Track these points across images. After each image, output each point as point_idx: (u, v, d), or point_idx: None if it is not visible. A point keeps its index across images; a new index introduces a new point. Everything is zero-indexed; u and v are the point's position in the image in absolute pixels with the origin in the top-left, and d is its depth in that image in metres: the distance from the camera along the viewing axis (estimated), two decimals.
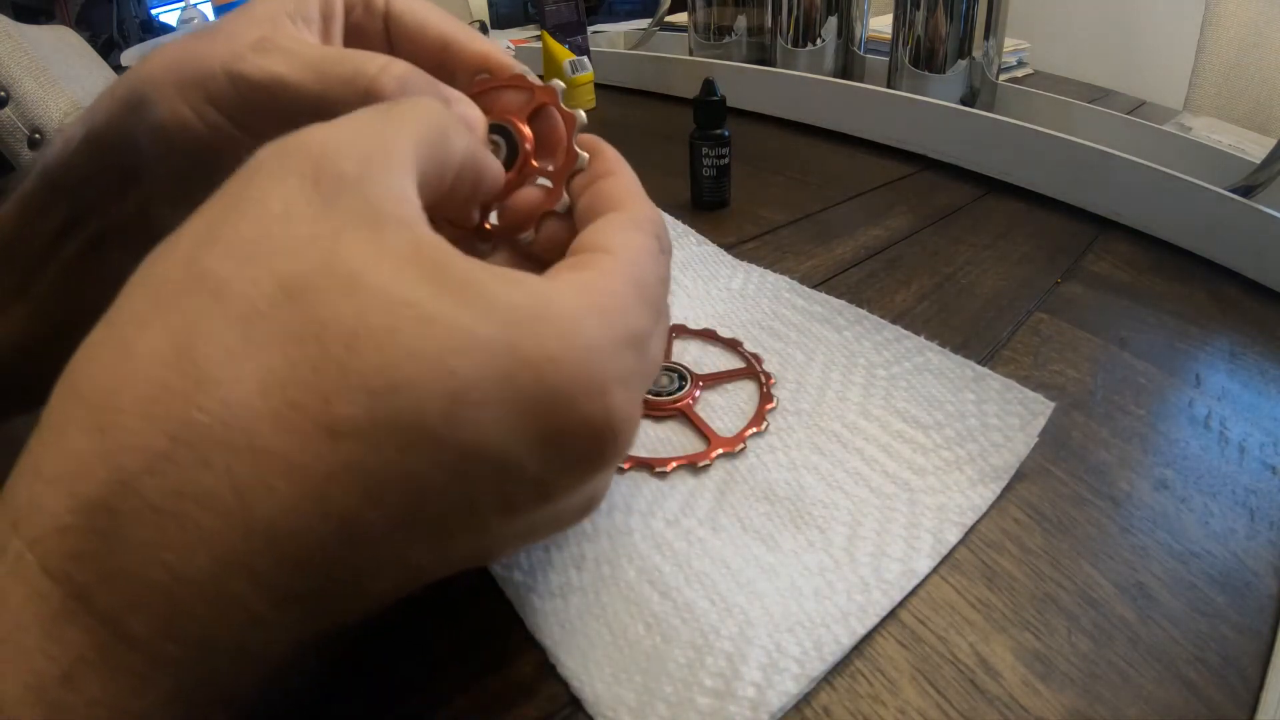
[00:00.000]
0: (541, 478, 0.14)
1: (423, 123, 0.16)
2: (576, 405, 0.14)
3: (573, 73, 0.74)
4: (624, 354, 0.15)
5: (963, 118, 0.55)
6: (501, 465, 0.13)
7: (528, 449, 0.13)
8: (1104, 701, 0.20)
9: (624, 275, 0.16)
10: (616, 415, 0.14)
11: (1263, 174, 0.45)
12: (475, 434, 0.13)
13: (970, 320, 0.37)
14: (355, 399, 0.12)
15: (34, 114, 0.63)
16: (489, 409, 0.13)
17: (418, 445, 0.12)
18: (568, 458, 0.14)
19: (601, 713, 0.19)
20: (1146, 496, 0.26)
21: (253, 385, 0.12)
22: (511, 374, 0.13)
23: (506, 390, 0.13)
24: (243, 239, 0.13)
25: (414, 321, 0.13)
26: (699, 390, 0.31)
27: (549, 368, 0.13)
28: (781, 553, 0.24)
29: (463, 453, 0.13)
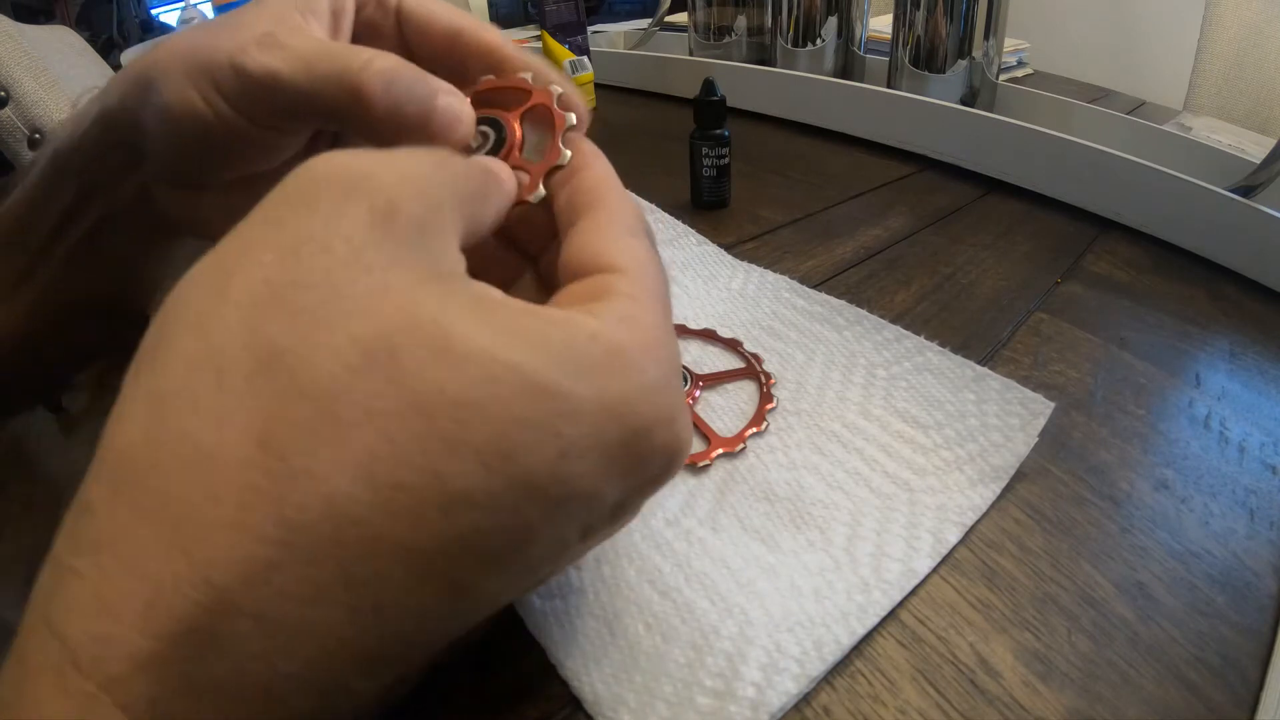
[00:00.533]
0: (620, 502, 0.15)
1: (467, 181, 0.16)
2: (654, 437, 0.14)
3: (573, 73, 0.74)
4: (675, 381, 0.16)
5: (963, 118, 0.55)
6: (595, 501, 0.14)
7: (614, 484, 0.14)
8: (1104, 701, 0.20)
9: (650, 298, 0.16)
10: (683, 435, 0.15)
11: (1263, 174, 0.45)
12: (578, 481, 0.13)
13: (970, 320, 0.37)
14: (468, 471, 0.12)
15: (34, 114, 0.63)
16: (589, 458, 0.13)
17: (530, 501, 0.13)
18: (644, 481, 0.15)
19: (601, 713, 0.19)
20: (1146, 496, 0.26)
21: (353, 471, 0.11)
22: (601, 423, 0.13)
23: (599, 439, 0.13)
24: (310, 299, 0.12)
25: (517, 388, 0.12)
26: (699, 390, 0.31)
27: (629, 413, 0.14)
28: (781, 553, 0.24)
29: (567, 499, 0.13)
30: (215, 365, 0.11)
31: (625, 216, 0.18)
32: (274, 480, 0.11)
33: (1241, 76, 1.14)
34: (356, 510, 0.11)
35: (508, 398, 0.12)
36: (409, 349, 0.12)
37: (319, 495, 0.11)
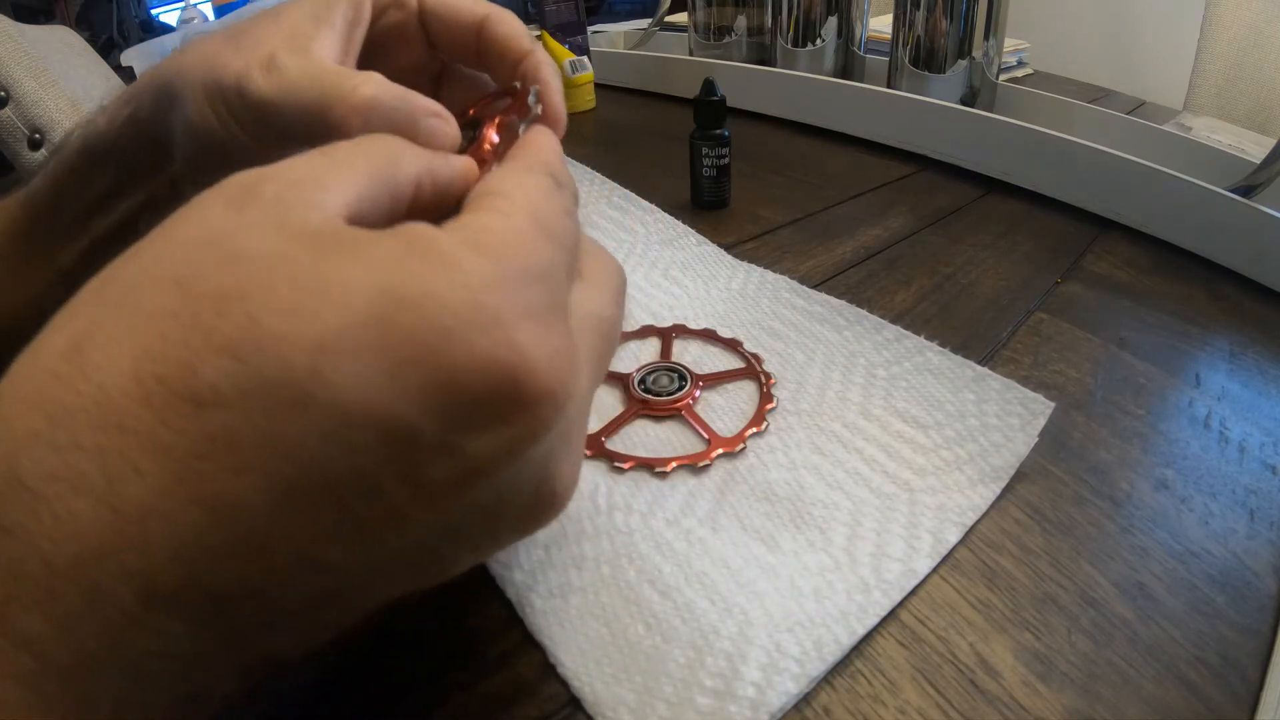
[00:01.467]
0: (448, 441, 0.12)
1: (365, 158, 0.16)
2: (472, 344, 0.12)
3: (573, 73, 0.74)
4: (528, 286, 0.13)
5: (963, 118, 0.55)
6: (391, 428, 0.12)
7: (417, 404, 0.12)
8: (1104, 701, 0.20)
9: (517, 213, 0.14)
10: (529, 351, 0.12)
11: (1263, 174, 0.45)
12: (350, 390, 0.11)
13: (970, 320, 0.37)
14: (220, 363, 0.11)
15: (34, 114, 0.63)
16: (364, 359, 0.11)
17: (287, 408, 0.11)
18: (475, 411, 0.12)
19: (601, 713, 0.19)
20: (1146, 496, 0.26)
21: (126, 364, 0.11)
22: (387, 317, 0.11)
23: (382, 335, 0.11)
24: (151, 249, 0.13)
25: (287, 279, 0.12)
26: (699, 390, 0.31)
27: (432, 304, 0.12)
28: (781, 553, 0.24)
29: (340, 415, 0.11)
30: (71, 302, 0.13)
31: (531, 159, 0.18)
32: (69, 367, 0.12)
33: (1241, 76, 1.14)
34: (120, 400, 0.11)
35: (269, 286, 0.12)
36: (205, 265, 0.12)
37: (95, 383, 0.11)
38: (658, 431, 0.29)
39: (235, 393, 0.11)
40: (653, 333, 0.36)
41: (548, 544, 0.24)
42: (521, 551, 0.24)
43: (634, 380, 0.32)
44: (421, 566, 0.14)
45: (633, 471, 0.27)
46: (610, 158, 0.62)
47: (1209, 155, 0.54)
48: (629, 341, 0.35)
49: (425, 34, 0.23)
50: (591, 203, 0.49)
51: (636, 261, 0.42)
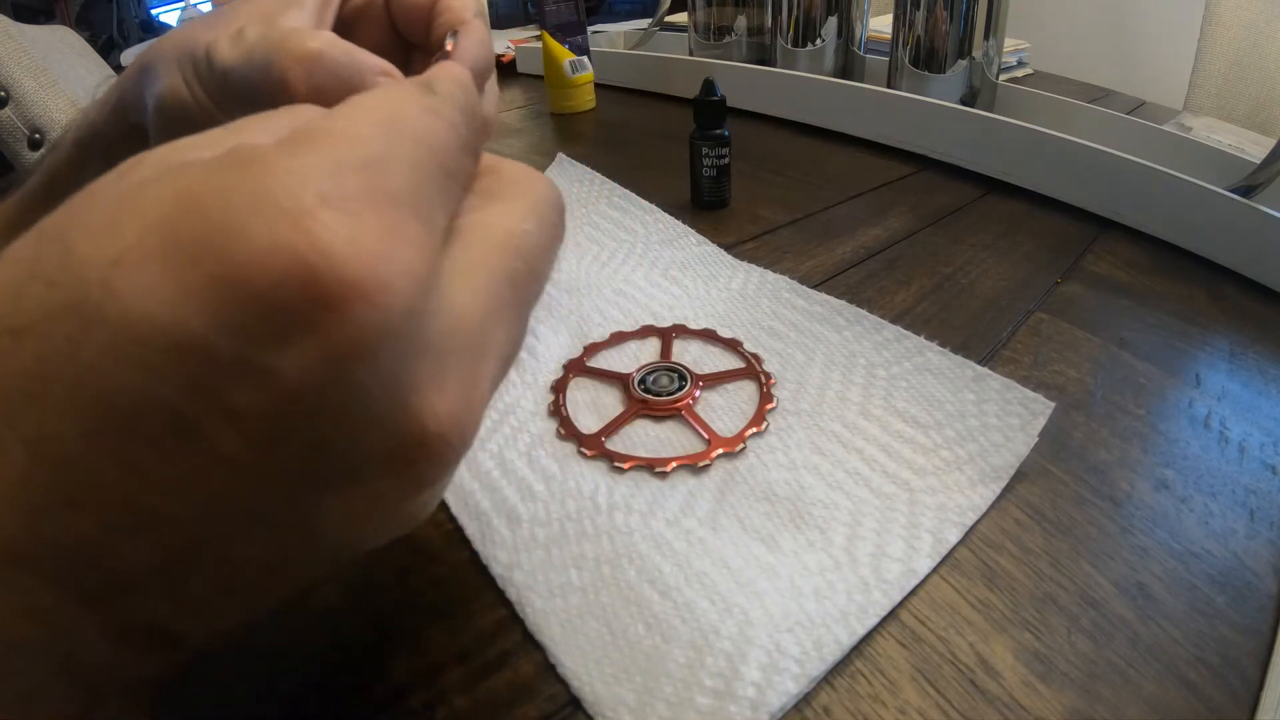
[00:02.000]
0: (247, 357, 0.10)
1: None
2: (254, 235, 0.10)
3: (573, 73, 0.74)
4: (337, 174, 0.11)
5: (963, 118, 0.55)
6: (180, 341, 0.10)
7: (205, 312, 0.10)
8: (1104, 701, 0.20)
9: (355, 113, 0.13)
10: (325, 235, 0.10)
11: (1263, 174, 0.45)
12: (135, 300, 0.10)
13: (970, 320, 0.37)
14: (35, 290, 0.10)
15: (34, 114, 0.63)
16: (149, 266, 0.10)
17: (84, 328, 0.10)
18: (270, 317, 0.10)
19: (601, 713, 0.19)
20: (1146, 496, 0.26)
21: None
22: (174, 219, 0.10)
23: (167, 239, 0.10)
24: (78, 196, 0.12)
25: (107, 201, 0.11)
26: (699, 390, 0.31)
27: (217, 200, 0.10)
28: (781, 553, 0.24)
29: (129, 330, 0.10)
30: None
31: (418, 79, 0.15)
32: None
33: (1241, 76, 1.14)
34: None
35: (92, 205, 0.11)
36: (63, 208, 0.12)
37: None
38: (658, 431, 0.29)
39: (43, 316, 0.10)
40: (653, 333, 0.36)
41: (548, 544, 0.24)
42: (522, 551, 0.24)
43: (634, 380, 0.32)
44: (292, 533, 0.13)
45: (633, 471, 0.27)
46: (610, 158, 0.62)
47: (1209, 155, 0.54)
48: (629, 341, 0.35)
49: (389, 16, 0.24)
50: (591, 203, 0.49)
51: (636, 261, 0.42)
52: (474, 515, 0.25)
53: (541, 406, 0.31)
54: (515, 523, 0.25)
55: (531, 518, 0.25)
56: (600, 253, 0.43)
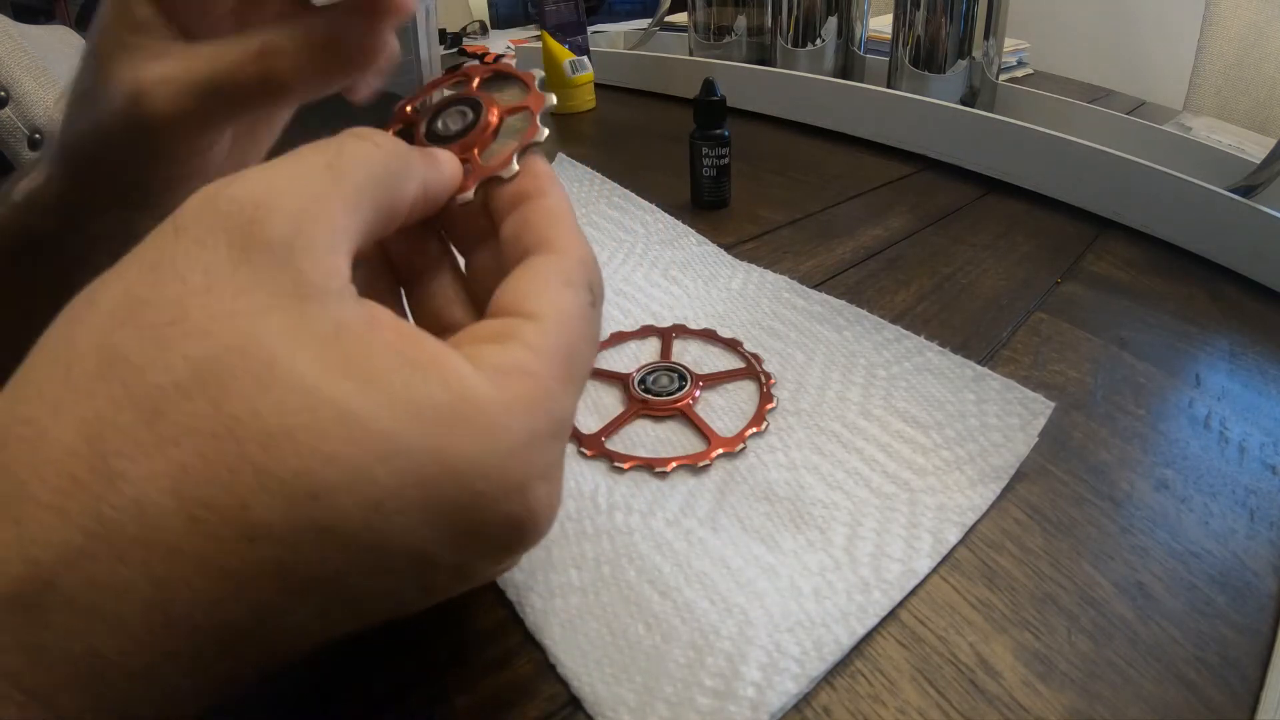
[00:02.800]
0: (459, 565, 0.14)
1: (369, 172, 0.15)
2: (497, 506, 0.13)
3: (573, 73, 0.74)
4: (548, 446, 0.15)
5: (963, 118, 0.55)
6: (420, 560, 0.13)
7: (447, 547, 0.13)
8: (1104, 701, 0.20)
9: (552, 353, 0.15)
10: (537, 509, 0.14)
11: (1263, 174, 0.45)
12: (397, 539, 0.13)
13: (970, 320, 0.37)
14: (273, 505, 0.12)
15: (34, 114, 0.63)
16: (411, 515, 0.13)
17: (338, 549, 0.12)
18: (486, 550, 0.14)
19: (601, 713, 0.19)
20: (1146, 496, 0.26)
21: (165, 483, 0.11)
22: (433, 480, 0.13)
23: (428, 496, 0.13)
24: (159, 316, 0.12)
25: (334, 423, 0.12)
26: (699, 390, 0.31)
27: (470, 472, 0.13)
28: (781, 553, 0.24)
29: (383, 553, 0.13)
30: (66, 360, 0.12)
31: (566, 264, 0.17)
32: (94, 475, 0.11)
33: (1241, 76, 1.14)
34: (164, 521, 0.11)
35: (320, 432, 0.12)
36: (235, 373, 0.12)
37: (130, 498, 0.11)
38: (658, 431, 0.29)
39: (289, 533, 0.12)
40: (653, 333, 0.36)
41: (548, 544, 0.24)
42: None
43: (634, 380, 0.32)
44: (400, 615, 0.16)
45: (633, 471, 0.27)
46: (610, 158, 0.62)
47: (1209, 155, 0.54)
48: (629, 341, 0.35)
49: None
50: (591, 203, 0.49)
51: (636, 261, 0.42)
52: None
53: None
54: None
55: None
56: (600, 253, 0.43)
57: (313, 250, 0.13)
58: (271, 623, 0.13)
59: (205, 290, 0.12)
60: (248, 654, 0.13)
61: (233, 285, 0.13)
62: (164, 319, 0.12)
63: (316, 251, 0.13)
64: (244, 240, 0.13)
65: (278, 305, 0.13)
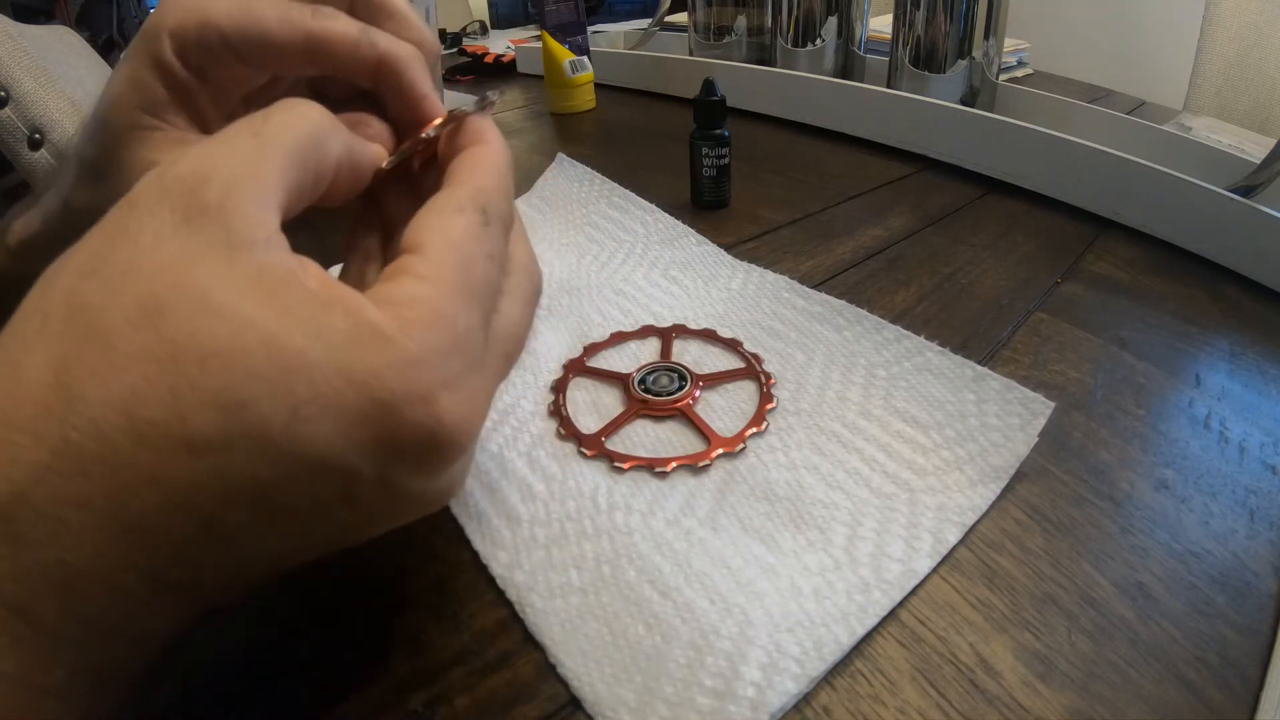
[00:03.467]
0: (382, 477, 0.15)
1: (294, 135, 0.17)
2: (402, 414, 0.15)
3: (573, 73, 0.74)
4: (449, 359, 0.16)
5: (963, 118, 0.55)
6: (341, 470, 0.15)
7: (363, 456, 0.15)
8: (1104, 701, 0.20)
9: (440, 276, 0.17)
10: (446, 419, 0.16)
11: (1263, 174, 0.45)
12: (314, 445, 0.14)
13: (970, 320, 0.37)
14: (207, 416, 0.13)
15: (34, 114, 0.63)
16: (324, 423, 0.14)
17: (265, 455, 0.14)
18: (405, 460, 0.16)
19: (601, 713, 0.19)
20: (1146, 496, 0.26)
21: (117, 404, 0.13)
22: (340, 390, 0.14)
23: (338, 404, 0.14)
24: (115, 270, 0.14)
25: (256, 343, 0.14)
26: (699, 390, 0.31)
27: (371, 383, 0.15)
28: (781, 553, 0.24)
29: (306, 462, 0.14)
30: (42, 310, 0.14)
31: (457, 194, 0.18)
32: (60, 402, 0.13)
33: (1241, 76, 1.14)
34: (117, 438, 0.13)
35: (245, 350, 0.14)
36: (175, 307, 0.14)
37: (89, 419, 0.13)
38: (658, 431, 0.29)
39: (222, 441, 0.14)
40: (653, 333, 0.36)
41: (548, 544, 0.24)
42: (522, 551, 0.24)
43: (634, 380, 0.32)
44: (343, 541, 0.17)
45: (633, 471, 0.27)
46: (610, 158, 0.62)
47: (1209, 155, 0.54)
48: (629, 341, 0.35)
49: None
50: (591, 203, 0.49)
51: (636, 261, 0.42)
52: (474, 515, 0.25)
53: (541, 406, 0.31)
54: (515, 523, 0.25)
55: (531, 518, 0.25)
56: (600, 253, 0.43)
57: (240, 208, 0.15)
58: (216, 532, 0.14)
59: (153, 248, 0.15)
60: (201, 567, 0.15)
61: (175, 243, 0.15)
62: (118, 271, 0.14)
63: (245, 209, 0.15)
64: (185, 207, 0.15)
65: (211, 254, 0.15)
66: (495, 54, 1.02)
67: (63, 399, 0.13)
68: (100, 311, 0.14)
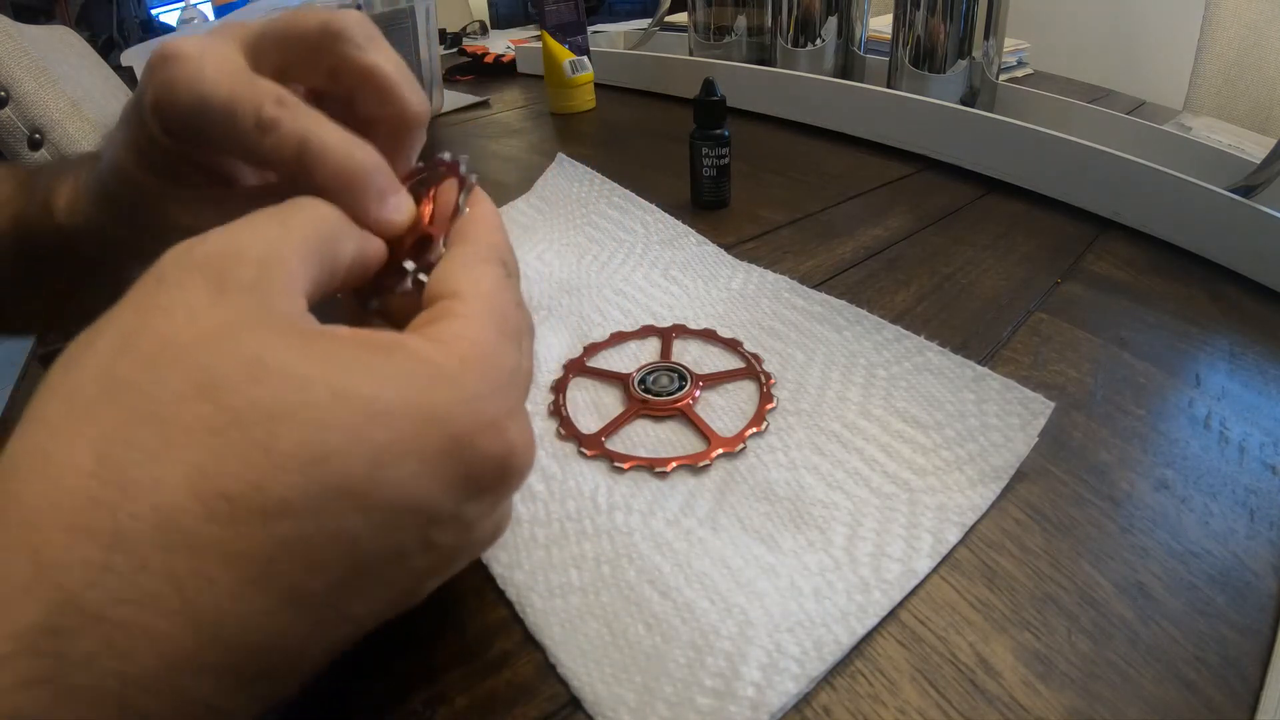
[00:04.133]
0: (458, 513, 0.16)
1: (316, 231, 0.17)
2: (478, 444, 0.15)
3: (573, 73, 0.74)
4: (506, 391, 0.17)
5: (963, 118, 0.55)
6: (424, 509, 0.15)
7: (445, 491, 0.15)
8: (1104, 701, 0.20)
9: (482, 318, 0.17)
10: (515, 442, 0.16)
11: (1263, 174, 0.45)
12: (398, 487, 0.14)
13: (970, 320, 0.37)
14: (287, 478, 0.13)
15: (34, 114, 0.63)
16: (408, 464, 0.14)
17: (350, 507, 0.13)
18: (480, 489, 0.16)
19: (601, 713, 0.19)
20: (1146, 496, 0.26)
21: (180, 483, 0.12)
22: (419, 430, 0.14)
23: (418, 445, 0.14)
24: (153, 344, 0.14)
25: (327, 396, 0.14)
26: (699, 390, 0.31)
27: (447, 418, 0.15)
28: (781, 553, 0.24)
29: (390, 506, 0.14)
30: (67, 394, 0.13)
31: (477, 248, 0.19)
32: (109, 490, 0.12)
33: (1241, 76, 1.14)
34: (184, 520, 0.12)
35: (315, 405, 0.13)
36: (229, 375, 0.13)
37: (149, 505, 0.12)
38: (658, 431, 0.29)
39: (303, 502, 0.13)
40: (653, 333, 0.36)
41: (548, 544, 0.24)
42: (522, 551, 0.24)
43: (634, 380, 0.32)
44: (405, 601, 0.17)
45: (633, 471, 0.27)
46: (610, 158, 0.62)
47: (1209, 155, 0.54)
48: (629, 341, 0.35)
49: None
50: (591, 203, 0.49)
51: (636, 261, 0.42)
52: None
53: (541, 406, 0.31)
54: (515, 523, 0.25)
55: (531, 518, 0.25)
56: (600, 253, 0.43)
57: (276, 283, 0.15)
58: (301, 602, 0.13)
59: (189, 322, 0.14)
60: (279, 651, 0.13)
61: (213, 315, 0.14)
62: (156, 346, 0.14)
63: (280, 283, 0.15)
64: (219, 281, 0.15)
65: (254, 322, 0.14)
66: (495, 54, 1.02)
67: (113, 486, 0.12)
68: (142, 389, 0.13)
